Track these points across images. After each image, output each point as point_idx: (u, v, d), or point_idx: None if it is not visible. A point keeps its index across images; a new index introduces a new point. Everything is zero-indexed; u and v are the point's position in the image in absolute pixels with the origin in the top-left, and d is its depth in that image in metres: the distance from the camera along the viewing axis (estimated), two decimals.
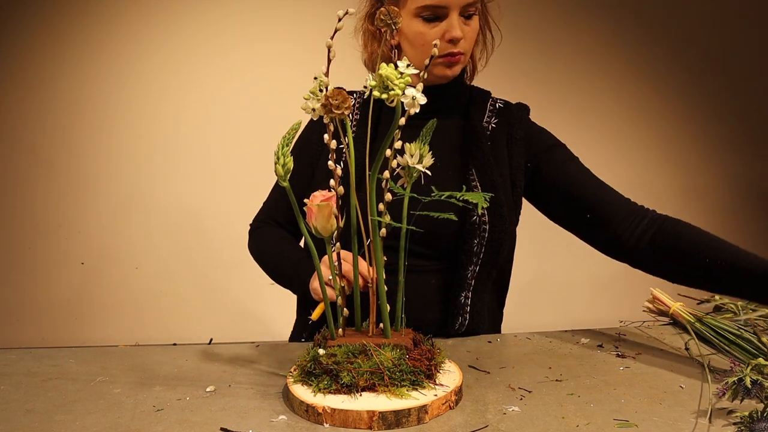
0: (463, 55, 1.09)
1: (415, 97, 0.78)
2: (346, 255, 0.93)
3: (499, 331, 1.25)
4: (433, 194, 0.87)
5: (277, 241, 1.24)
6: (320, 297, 1.02)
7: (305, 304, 1.27)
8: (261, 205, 1.33)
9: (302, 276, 1.10)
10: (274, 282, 1.26)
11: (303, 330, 1.24)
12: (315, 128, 1.25)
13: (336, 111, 0.77)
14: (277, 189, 1.31)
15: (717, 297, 1.23)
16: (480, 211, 1.08)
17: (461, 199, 0.84)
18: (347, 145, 0.86)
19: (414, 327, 0.93)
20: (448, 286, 1.13)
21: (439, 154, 0.97)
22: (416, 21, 1.07)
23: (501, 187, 1.12)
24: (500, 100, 1.24)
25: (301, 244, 1.23)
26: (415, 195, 0.89)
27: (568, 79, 2.67)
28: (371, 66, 1.20)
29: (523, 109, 1.23)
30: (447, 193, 0.85)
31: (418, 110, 0.80)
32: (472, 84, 1.25)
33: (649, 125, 2.72)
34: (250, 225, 1.31)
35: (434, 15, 1.06)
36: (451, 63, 1.09)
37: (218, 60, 2.54)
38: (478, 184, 1.12)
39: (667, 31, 2.70)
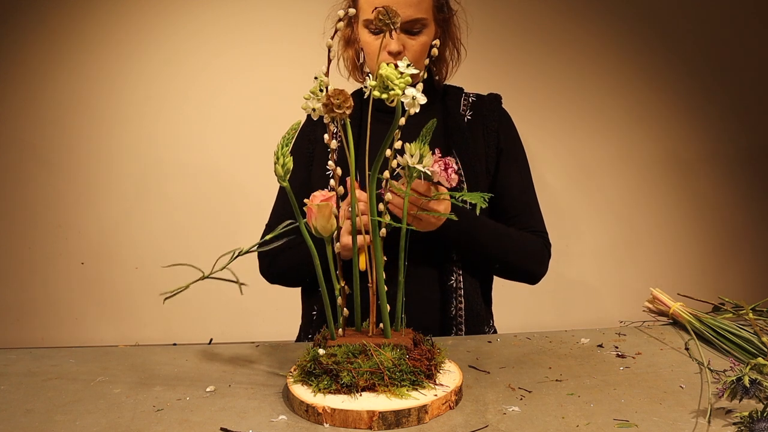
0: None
1: (415, 97, 0.78)
2: (360, 195, 0.99)
3: (492, 317, 1.31)
4: (433, 194, 0.87)
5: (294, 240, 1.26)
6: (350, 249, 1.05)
7: (310, 302, 1.28)
8: (259, 206, 1.35)
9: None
10: (308, 278, 1.26)
11: (309, 329, 1.25)
12: (304, 135, 1.30)
13: (337, 111, 0.77)
14: (278, 204, 1.33)
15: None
16: (477, 211, 1.12)
17: (456, 199, 0.84)
18: (348, 145, 0.86)
19: (412, 315, 0.94)
20: (440, 271, 1.19)
21: None
22: (365, 31, 1.16)
23: (480, 172, 1.21)
24: (473, 94, 1.32)
25: None
26: (415, 195, 0.89)
27: (569, 79, 2.67)
28: (351, 69, 1.29)
29: (495, 99, 1.30)
30: (447, 193, 0.85)
31: (418, 110, 0.80)
32: (444, 84, 1.32)
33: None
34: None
35: (378, 28, 1.13)
36: None
37: (219, 60, 2.53)
38: (462, 173, 1.19)
39: (676, 32, 2.70)
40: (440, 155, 0.88)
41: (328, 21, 1.22)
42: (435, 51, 0.95)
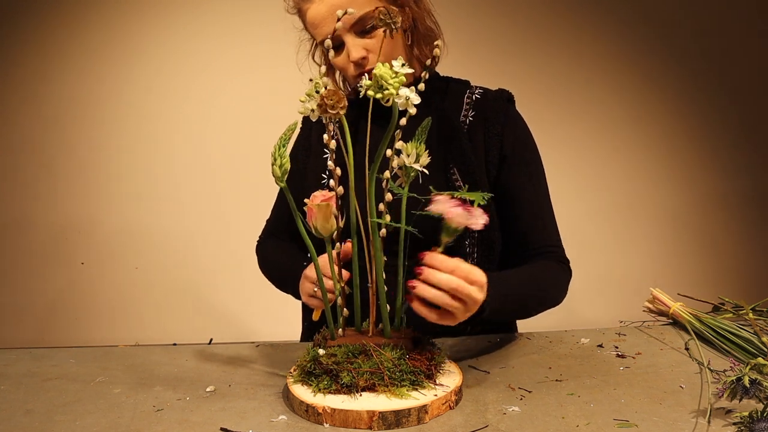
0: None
1: (408, 97, 0.78)
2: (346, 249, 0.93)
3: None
4: (432, 194, 0.87)
5: (276, 251, 1.25)
6: (310, 304, 1.04)
7: (308, 306, 1.27)
8: (259, 206, 1.34)
9: (296, 283, 1.09)
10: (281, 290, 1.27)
11: (312, 332, 1.24)
12: (299, 143, 1.26)
13: (331, 111, 0.77)
14: (276, 203, 1.32)
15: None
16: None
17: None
18: (345, 145, 0.86)
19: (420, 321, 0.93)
20: None
21: None
22: (327, 54, 1.07)
23: (482, 183, 1.09)
24: (479, 89, 1.18)
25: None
26: (415, 195, 0.89)
27: (568, 78, 2.67)
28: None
29: (500, 97, 1.16)
30: (446, 193, 0.84)
31: (414, 111, 0.80)
32: (448, 77, 1.21)
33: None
34: (256, 244, 1.32)
35: (335, 43, 1.04)
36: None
37: (218, 60, 2.54)
38: (461, 183, 1.09)
39: (674, 33, 2.70)
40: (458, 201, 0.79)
41: (300, 55, 1.18)
42: (437, 51, 0.94)
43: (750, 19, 2.72)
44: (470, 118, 1.15)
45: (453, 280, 0.81)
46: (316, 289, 0.99)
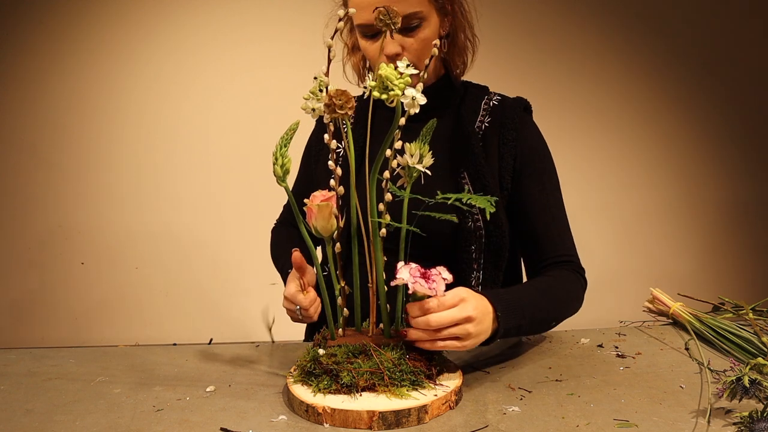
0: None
1: (414, 98, 0.78)
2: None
3: None
4: (437, 197, 0.87)
5: (281, 242, 1.30)
6: (286, 308, 1.04)
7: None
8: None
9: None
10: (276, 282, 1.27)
11: (313, 331, 1.25)
12: (317, 133, 1.28)
13: (339, 111, 0.76)
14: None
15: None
16: (488, 216, 1.07)
17: (463, 203, 0.84)
18: (348, 145, 0.86)
19: None
20: (457, 279, 1.11)
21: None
22: (360, 37, 1.08)
23: (492, 190, 1.09)
24: (497, 95, 1.20)
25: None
26: (416, 196, 0.89)
27: (571, 79, 2.67)
28: (358, 74, 1.22)
29: (516, 105, 1.17)
30: (454, 196, 0.84)
31: (417, 110, 0.80)
32: (468, 81, 1.22)
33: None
34: (273, 227, 1.38)
35: (371, 32, 1.05)
36: None
37: (218, 60, 2.54)
38: (470, 188, 1.09)
39: (676, 32, 2.70)
40: (422, 270, 0.82)
41: (327, 30, 1.19)
42: (435, 50, 0.94)
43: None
44: (486, 124, 1.15)
45: (443, 321, 0.83)
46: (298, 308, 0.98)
